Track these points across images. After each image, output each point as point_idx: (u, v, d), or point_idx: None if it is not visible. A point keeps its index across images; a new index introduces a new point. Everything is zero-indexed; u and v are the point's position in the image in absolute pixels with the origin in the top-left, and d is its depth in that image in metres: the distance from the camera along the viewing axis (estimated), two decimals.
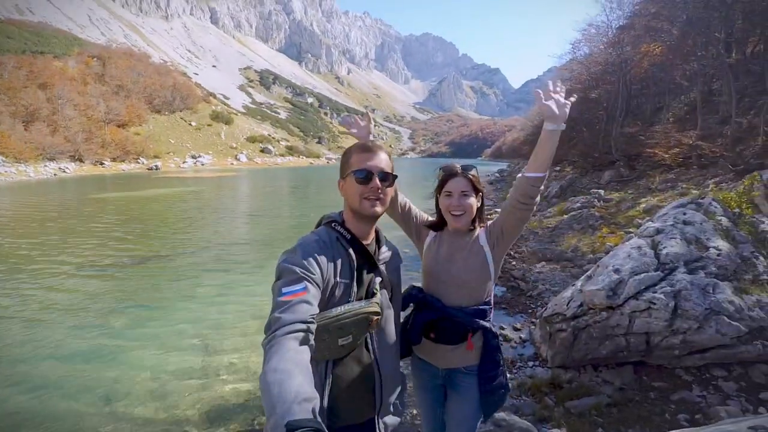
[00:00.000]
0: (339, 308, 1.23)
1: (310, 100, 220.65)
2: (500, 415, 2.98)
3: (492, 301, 1.71)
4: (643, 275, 3.63)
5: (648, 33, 17.23)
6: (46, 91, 49.11)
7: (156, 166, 51.32)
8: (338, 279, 1.25)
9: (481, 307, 1.63)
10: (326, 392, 1.24)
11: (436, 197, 1.69)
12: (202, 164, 60.79)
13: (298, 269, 1.14)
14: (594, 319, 3.72)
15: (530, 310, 5.78)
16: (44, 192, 24.24)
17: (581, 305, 3.94)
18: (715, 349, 3.26)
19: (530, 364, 4.11)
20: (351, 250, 1.30)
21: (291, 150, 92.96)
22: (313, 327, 1.09)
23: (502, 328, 5.07)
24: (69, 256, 8.91)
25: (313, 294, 1.13)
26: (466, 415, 1.67)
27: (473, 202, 1.60)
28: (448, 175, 1.64)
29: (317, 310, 1.13)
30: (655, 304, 3.35)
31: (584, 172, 20.20)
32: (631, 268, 3.76)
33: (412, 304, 1.68)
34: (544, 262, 8.36)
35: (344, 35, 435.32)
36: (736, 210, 5.03)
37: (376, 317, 1.30)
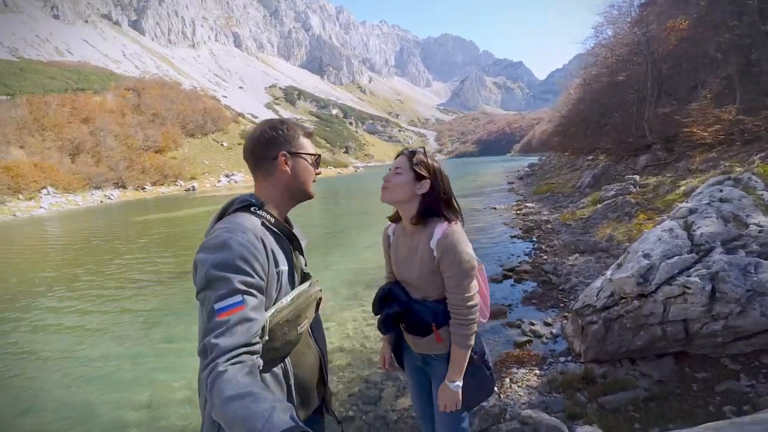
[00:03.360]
0: (289, 296, 1.15)
1: (334, 111, 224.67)
2: (527, 412, 2.86)
3: None
4: (675, 258, 3.39)
5: (673, 7, 16.36)
6: (89, 124, 52.47)
7: (193, 187, 53.48)
8: (281, 267, 1.14)
9: (444, 299, 1.55)
10: (292, 390, 1.17)
11: None
12: (236, 182, 62.80)
13: (231, 276, 0.97)
14: (626, 309, 3.51)
15: (562, 304, 5.55)
16: (91, 218, 25.76)
17: (612, 295, 3.73)
18: (763, 334, 2.98)
19: (562, 359, 3.92)
20: (281, 234, 1.20)
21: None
22: (259, 347, 0.99)
23: (533, 324, 4.89)
24: (108, 278, 9.29)
25: (254, 305, 0.99)
26: None
27: (401, 182, 1.51)
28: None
29: (262, 323, 1.01)
30: (690, 288, 3.12)
31: (618, 158, 19.35)
32: (662, 252, 3.53)
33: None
34: (577, 254, 8.02)
35: (363, 45, 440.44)
36: None
37: (320, 297, 1.31)
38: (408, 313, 1.56)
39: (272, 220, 1.18)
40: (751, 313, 2.93)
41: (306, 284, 1.24)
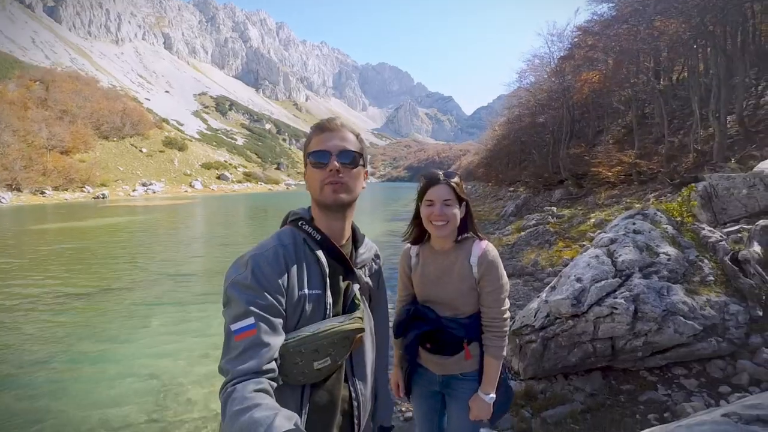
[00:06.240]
0: (312, 327, 1.04)
1: (267, 126, 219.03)
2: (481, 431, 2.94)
3: None
4: (603, 282, 3.78)
5: (586, 63, 18.76)
6: None
7: (103, 194, 48.38)
8: (306, 291, 1.05)
9: (475, 315, 1.58)
10: (303, 422, 1.05)
11: (416, 206, 1.60)
12: (154, 192, 58.05)
13: (245, 297, 0.96)
14: (561, 328, 3.80)
15: None
16: None
17: (548, 315, 4.02)
18: (675, 349, 3.41)
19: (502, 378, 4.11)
20: (321, 254, 1.09)
21: (249, 176, 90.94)
22: (272, 374, 0.95)
23: None
24: (2, 294, 8.07)
25: (266, 329, 0.95)
26: (465, 421, 1.62)
27: (456, 212, 1.51)
28: (429, 182, 1.54)
29: (276, 348, 0.97)
30: (617, 309, 3.48)
31: (536, 191, 21.25)
32: (591, 276, 3.91)
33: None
34: None
35: (302, 63, 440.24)
36: (678, 219, 5.42)
37: (359, 335, 1.11)
38: (439, 331, 1.54)
39: (318, 236, 1.10)
40: (666, 330, 3.34)
41: (341, 318, 1.09)
